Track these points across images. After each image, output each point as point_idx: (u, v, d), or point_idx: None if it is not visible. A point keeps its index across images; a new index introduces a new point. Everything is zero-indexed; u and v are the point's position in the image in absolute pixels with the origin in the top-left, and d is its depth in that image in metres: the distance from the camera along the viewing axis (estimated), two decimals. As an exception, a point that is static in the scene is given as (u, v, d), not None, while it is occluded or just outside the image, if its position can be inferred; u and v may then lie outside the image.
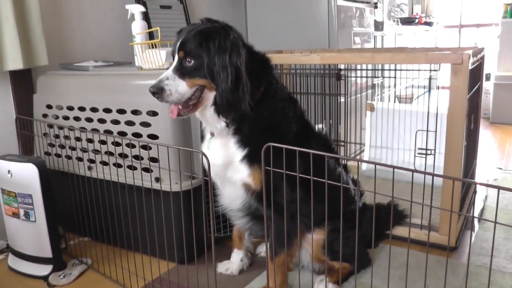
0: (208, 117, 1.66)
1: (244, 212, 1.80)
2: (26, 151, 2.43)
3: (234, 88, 1.54)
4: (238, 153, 1.67)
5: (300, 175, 1.40)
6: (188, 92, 1.58)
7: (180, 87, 1.57)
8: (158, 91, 1.56)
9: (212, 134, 1.73)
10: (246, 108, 1.57)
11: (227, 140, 1.69)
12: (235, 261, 2.06)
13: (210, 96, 1.61)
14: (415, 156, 2.58)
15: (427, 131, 2.23)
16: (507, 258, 2.07)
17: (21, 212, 2.01)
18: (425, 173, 1.11)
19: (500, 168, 3.45)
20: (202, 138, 1.84)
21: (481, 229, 2.37)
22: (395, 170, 1.17)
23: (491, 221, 0.97)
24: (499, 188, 0.92)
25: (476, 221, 2.45)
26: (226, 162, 1.69)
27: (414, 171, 1.13)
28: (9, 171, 1.99)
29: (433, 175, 1.09)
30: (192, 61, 1.56)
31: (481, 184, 0.96)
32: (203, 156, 1.46)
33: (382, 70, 3.29)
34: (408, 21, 6.44)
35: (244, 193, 1.72)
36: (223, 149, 1.69)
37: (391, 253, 2.09)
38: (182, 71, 1.58)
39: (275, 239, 1.71)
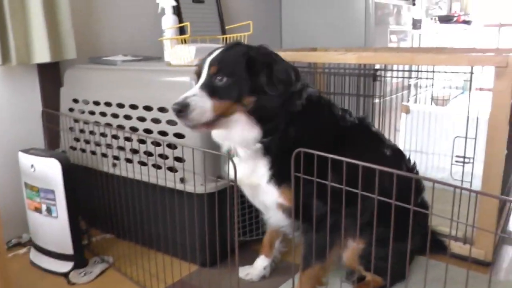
0: (236, 137, 1.50)
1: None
2: (52, 145, 2.40)
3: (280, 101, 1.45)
4: (266, 175, 1.53)
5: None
6: (209, 116, 1.41)
7: (206, 105, 1.40)
8: (183, 108, 1.38)
9: (233, 155, 1.54)
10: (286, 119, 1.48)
11: (255, 162, 1.53)
12: (258, 267, 1.96)
13: (240, 115, 1.46)
14: (452, 163, 2.45)
15: (466, 137, 2.10)
16: (549, 276, 1.94)
17: (43, 207, 1.98)
18: (470, 190, 1.01)
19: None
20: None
21: (520, 243, 2.24)
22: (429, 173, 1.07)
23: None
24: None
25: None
26: (252, 184, 1.58)
27: (456, 187, 1.03)
28: (32, 166, 1.96)
29: (477, 192, 0.99)
30: (225, 79, 1.42)
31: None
32: (231, 164, 1.37)
33: (419, 71, 3.17)
34: (446, 19, 6.25)
35: (283, 215, 1.61)
36: (249, 170, 1.53)
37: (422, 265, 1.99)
38: (211, 89, 1.42)
39: (310, 250, 1.58)
